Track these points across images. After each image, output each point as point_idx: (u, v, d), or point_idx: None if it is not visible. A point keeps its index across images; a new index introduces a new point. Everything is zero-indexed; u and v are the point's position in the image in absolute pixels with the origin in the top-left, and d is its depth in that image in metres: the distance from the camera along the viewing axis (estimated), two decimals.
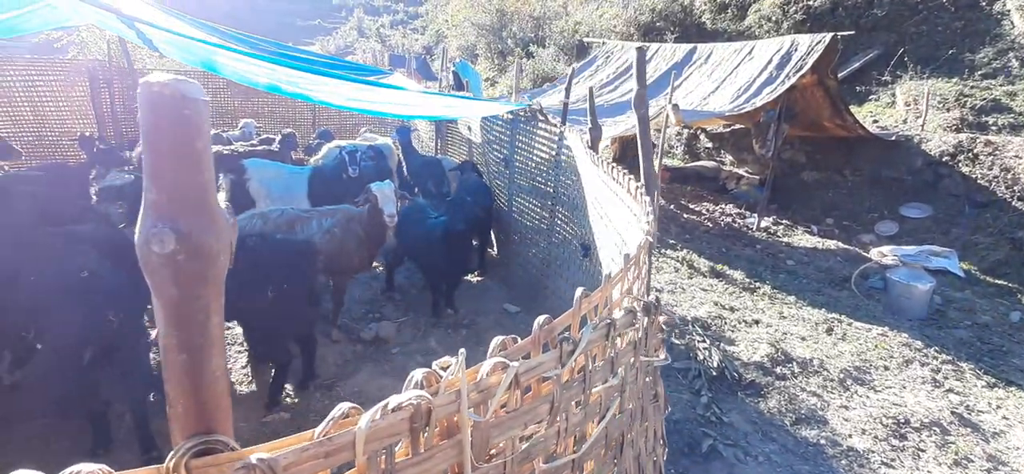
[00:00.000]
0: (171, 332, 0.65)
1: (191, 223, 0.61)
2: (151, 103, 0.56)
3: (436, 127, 8.64)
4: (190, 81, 0.60)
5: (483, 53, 19.44)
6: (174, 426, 0.69)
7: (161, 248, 0.59)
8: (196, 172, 0.60)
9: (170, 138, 0.57)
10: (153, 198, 0.59)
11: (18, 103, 8.72)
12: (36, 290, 3.35)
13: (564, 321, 1.09)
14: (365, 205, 4.71)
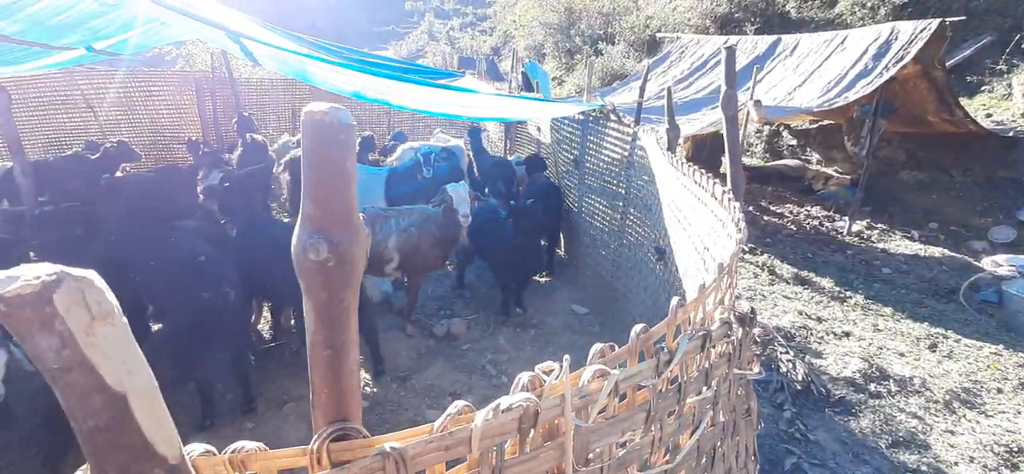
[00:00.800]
0: (319, 330, 0.73)
1: (340, 234, 0.68)
2: (313, 129, 0.64)
3: (505, 128, 8.76)
4: (343, 108, 0.67)
5: (551, 52, 19.38)
6: (317, 413, 0.78)
7: (316, 256, 0.67)
8: (346, 189, 0.67)
9: (327, 159, 0.65)
10: (310, 212, 0.67)
11: (137, 111, 9.83)
12: (159, 275, 3.80)
13: (660, 330, 1.09)
14: (440, 206, 4.86)
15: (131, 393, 0.52)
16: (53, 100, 9.16)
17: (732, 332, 1.19)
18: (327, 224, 0.67)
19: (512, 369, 4.78)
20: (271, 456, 0.75)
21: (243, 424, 3.92)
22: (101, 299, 0.48)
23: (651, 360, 1.03)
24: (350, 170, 0.67)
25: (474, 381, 4.61)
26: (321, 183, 0.66)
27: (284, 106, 10.89)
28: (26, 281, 0.45)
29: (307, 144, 0.65)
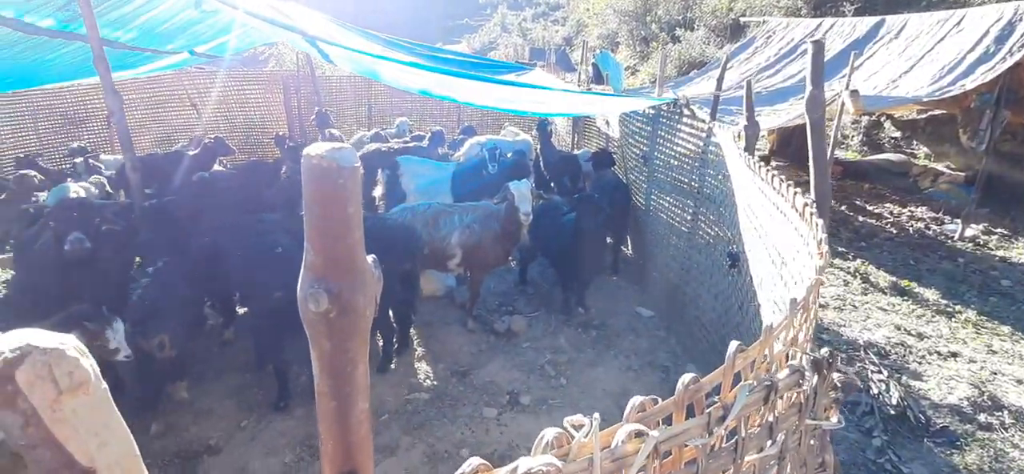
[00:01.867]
0: (324, 380, 0.71)
1: (342, 284, 0.65)
2: (311, 173, 0.61)
3: (573, 121, 8.58)
4: (345, 148, 0.63)
5: (624, 40, 18.73)
6: (324, 462, 0.76)
7: (316, 307, 0.64)
8: (346, 236, 0.63)
9: (325, 205, 0.61)
10: (311, 260, 0.64)
11: (232, 109, 10.69)
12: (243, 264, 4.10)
13: (714, 379, 0.96)
14: (503, 202, 4.83)
15: (102, 469, 0.52)
16: (161, 100, 10.18)
17: (805, 380, 1.03)
18: (328, 273, 0.64)
19: (572, 371, 4.68)
20: None
21: (312, 408, 4.14)
22: (74, 369, 0.47)
23: (701, 417, 0.90)
24: (351, 215, 0.63)
25: (532, 381, 4.57)
26: (321, 230, 0.62)
27: (360, 102, 11.39)
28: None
29: (306, 189, 0.62)
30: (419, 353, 4.89)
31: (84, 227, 3.42)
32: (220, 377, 4.46)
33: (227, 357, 4.72)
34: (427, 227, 4.97)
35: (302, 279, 0.65)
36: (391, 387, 4.40)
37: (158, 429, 3.82)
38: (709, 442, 0.88)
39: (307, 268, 0.64)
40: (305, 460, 3.68)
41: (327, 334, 0.67)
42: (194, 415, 4.04)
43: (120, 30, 5.43)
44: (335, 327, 0.66)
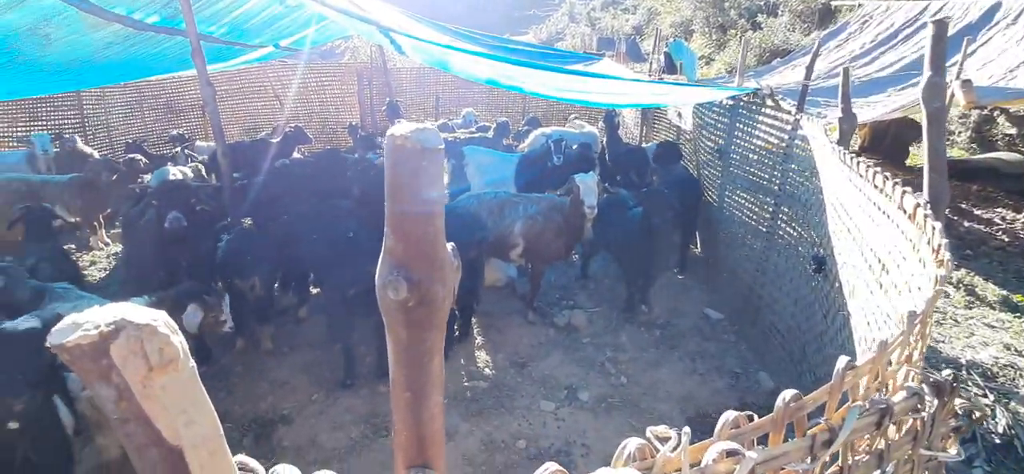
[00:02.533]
0: (399, 370, 0.69)
1: (422, 272, 0.62)
2: (394, 154, 0.58)
3: (642, 113, 8.28)
4: (429, 129, 0.60)
5: (699, 28, 17.83)
6: (397, 453, 0.74)
7: (395, 295, 0.62)
8: (428, 222, 0.60)
9: (408, 189, 0.59)
10: (391, 245, 0.62)
11: (311, 99, 11.28)
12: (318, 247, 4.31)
13: (818, 398, 0.85)
14: (567, 195, 4.75)
15: (188, 447, 0.52)
16: (248, 91, 10.91)
17: (923, 406, 0.89)
18: (408, 260, 0.61)
19: (633, 370, 4.54)
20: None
21: (377, 387, 4.29)
22: (165, 345, 0.47)
23: (803, 440, 0.80)
24: (434, 200, 0.60)
25: (591, 377, 4.48)
26: (402, 215, 0.59)
27: (428, 93, 11.65)
28: (85, 331, 0.45)
29: (388, 171, 0.59)
30: (479, 342, 4.94)
31: (181, 207, 3.72)
32: (294, 352, 4.72)
33: (301, 334, 4.98)
34: (492, 216, 4.99)
35: (381, 265, 0.63)
36: (451, 373, 4.47)
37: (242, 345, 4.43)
38: (812, 469, 0.78)
39: (387, 254, 0.62)
40: (368, 437, 3.82)
41: (404, 323, 0.64)
42: (270, 385, 4.31)
43: (214, 25, 5.84)
44: (413, 317, 0.64)
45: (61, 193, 6.09)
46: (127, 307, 0.49)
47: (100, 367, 0.46)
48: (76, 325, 0.46)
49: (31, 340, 2.07)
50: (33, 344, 2.08)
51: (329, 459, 3.66)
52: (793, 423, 0.83)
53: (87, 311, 0.47)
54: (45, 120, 8.53)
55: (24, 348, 2.04)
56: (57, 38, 4.73)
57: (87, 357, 0.45)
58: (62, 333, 0.46)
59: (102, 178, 6.23)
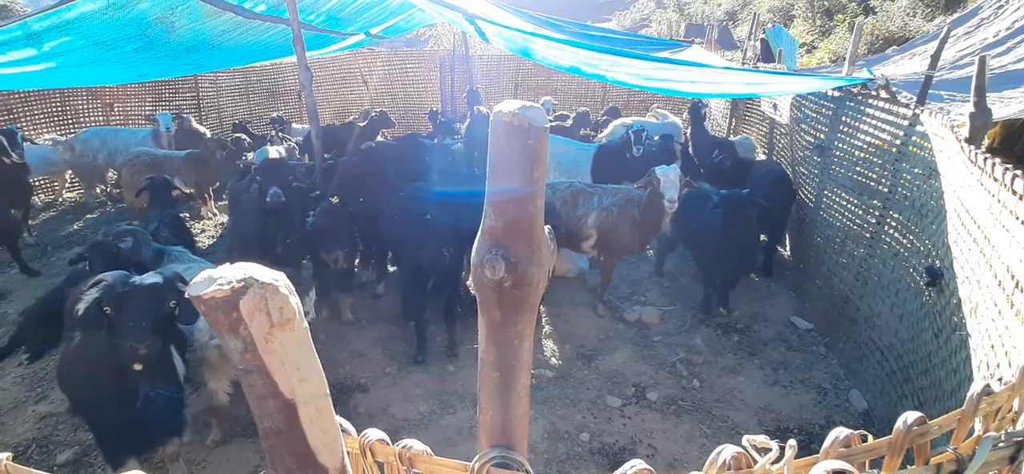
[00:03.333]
0: (489, 350, 0.69)
1: (520, 253, 0.61)
2: (499, 131, 0.57)
3: (732, 104, 7.80)
4: (535, 107, 0.58)
5: (801, 13, 16.43)
6: (482, 432, 0.75)
7: (492, 274, 0.61)
8: (530, 203, 0.59)
9: (512, 167, 0.58)
10: (491, 224, 0.61)
11: (395, 86, 11.75)
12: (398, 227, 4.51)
13: (946, 423, 0.74)
14: (646, 188, 4.60)
15: (300, 402, 0.55)
16: (339, 77, 11.55)
17: None
18: (507, 239, 0.60)
19: (707, 374, 4.34)
20: (435, 463, 0.74)
21: (446, 366, 4.42)
22: (284, 305, 0.50)
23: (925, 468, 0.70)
24: (536, 180, 0.58)
25: (661, 377, 4.33)
26: (504, 193, 0.58)
27: (507, 80, 11.72)
28: (219, 285, 0.49)
29: (493, 149, 0.58)
30: (546, 331, 4.93)
31: (281, 183, 4.02)
32: (372, 326, 4.97)
33: (378, 309, 5.24)
34: (565, 205, 4.94)
35: (479, 243, 0.63)
36: None
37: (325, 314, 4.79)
38: None
39: (485, 232, 0.62)
40: (436, 413, 3.95)
41: (498, 303, 0.64)
42: (349, 354, 4.57)
43: (313, 14, 6.22)
44: (507, 297, 0.63)
45: (179, 167, 6.81)
46: (252, 266, 0.52)
47: (231, 319, 0.49)
48: (211, 279, 0.50)
49: (155, 293, 2.33)
50: (157, 297, 2.34)
51: (399, 428, 3.82)
52: (914, 449, 0.74)
53: (221, 268, 0.51)
54: (167, 101, 9.56)
55: (149, 300, 2.30)
56: (180, 26, 5.25)
57: (220, 309, 0.49)
58: (199, 286, 0.50)
59: (213, 154, 6.90)
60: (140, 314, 2.24)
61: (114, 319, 2.27)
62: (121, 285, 2.30)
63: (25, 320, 3.90)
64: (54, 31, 4.46)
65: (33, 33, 4.43)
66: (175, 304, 2.43)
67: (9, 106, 7.66)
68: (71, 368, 2.63)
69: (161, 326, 2.36)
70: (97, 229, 6.95)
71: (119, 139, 7.47)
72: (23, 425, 3.80)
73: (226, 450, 3.58)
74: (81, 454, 3.52)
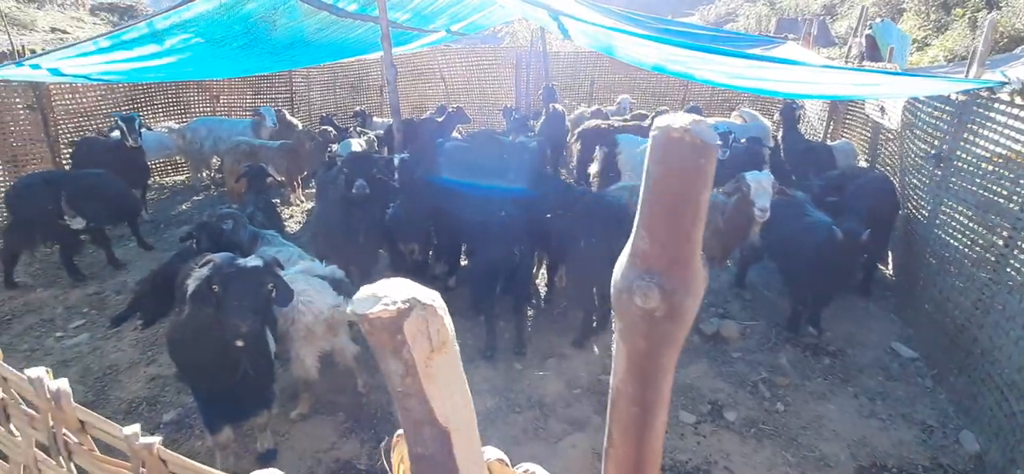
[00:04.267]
0: (628, 382, 0.64)
1: (677, 282, 0.55)
2: (666, 148, 0.51)
3: (830, 106, 7.19)
4: (705, 123, 0.53)
5: (913, 7, 14.85)
6: (610, 466, 0.70)
7: (643, 302, 0.56)
8: (693, 228, 0.54)
9: (678, 189, 0.52)
10: (644, 248, 0.56)
11: (472, 82, 11.91)
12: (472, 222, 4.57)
13: None
14: (733, 194, 4.34)
15: (454, 429, 0.53)
16: (418, 73, 11.89)
17: None
18: (663, 267, 0.55)
19: (793, 398, 4.03)
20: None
21: (513, 363, 4.42)
22: (441, 327, 0.48)
23: None
24: (702, 204, 0.52)
25: (741, 397, 4.09)
26: (665, 216, 0.53)
27: (583, 78, 11.54)
28: (385, 305, 0.47)
29: (654, 166, 0.53)
30: (615, 335, 4.80)
31: (366, 176, 4.19)
32: None
33: (449, 302, 5.31)
34: None
35: (626, 267, 0.58)
36: (586, 364, 4.43)
37: None
38: None
39: (635, 255, 0.57)
40: (503, 410, 3.95)
41: (645, 334, 0.59)
42: None
43: (399, 12, 6.42)
44: (657, 329, 0.58)
45: (273, 156, 7.30)
46: (411, 285, 0.51)
47: (395, 341, 0.48)
48: (375, 298, 0.49)
49: (257, 276, 2.48)
50: (259, 279, 2.49)
51: None
52: None
53: (386, 284, 0.50)
54: (264, 94, 10.29)
55: (252, 282, 2.46)
56: (281, 24, 5.61)
57: (385, 330, 0.48)
58: (363, 303, 0.49)
59: (303, 145, 7.34)
60: (244, 294, 2.40)
61: (221, 297, 2.44)
62: (228, 266, 2.47)
63: (140, 289, 4.34)
64: (174, 29, 4.92)
65: (157, 31, 4.91)
66: (273, 286, 2.58)
67: (133, 96, 8.57)
68: (180, 338, 2.87)
69: (261, 306, 2.51)
70: (202, 210, 7.63)
71: (223, 128, 8.14)
72: (136, 383, 4.22)
73: (307, 425, 3.79)
74: (183, 415, 3.85)
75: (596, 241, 4.21)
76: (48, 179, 5.28)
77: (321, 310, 3.45)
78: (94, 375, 4.32)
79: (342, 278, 3.89)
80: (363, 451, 3.60)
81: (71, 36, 15.39)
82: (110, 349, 4.58)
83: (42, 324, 4.96)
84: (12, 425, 0.81)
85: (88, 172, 5.65)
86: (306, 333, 3.42)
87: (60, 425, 0.72)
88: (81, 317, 5.07)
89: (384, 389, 4.07)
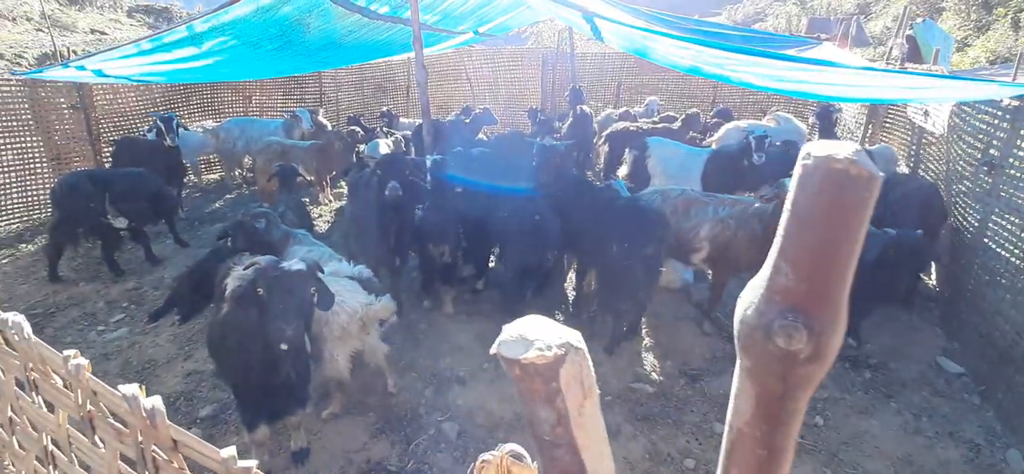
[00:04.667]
0: (756, 424, 0.60)
1: (826, 321, 0.51)
2: (825, 180, 0.47)
3: (869, 110, 6.97)
4: (866, 152, 0.49)
5: (953, 6, 14.31)
6: None
7: (786, 343, 0.52)
8: (847, 266, 0.50)
9: (836, 224, 0.48)
10: (787, 284, 0.52)
11: (499, 84, 11.90)
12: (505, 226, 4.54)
13: None
14: (772, 201, 4.23)
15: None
16: (444, 74, 11.93)
17: None
18: (812, 307, 0.50)
19: (832, 413, 3.91)
20: None
21: None
22: (588, 373, 0.45)
23: None
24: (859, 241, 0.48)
25: None
26: (817, 252, 0.49)
27: (610, 78, 11.42)
28: (540, 350, 0.44)
29: (807, 197, 0.49)
30: (646, 343, 4.73)
31: (399, 177, 4.20)
32: (471, 320, 5.06)
33: (477, 304, 5.32)
34: (676, 214, 4.70)
35: (763, 304, 0.54)
36: (615, 371, 4.36)
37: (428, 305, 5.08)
38: None
39: (775, 292, 0.53)
40: None
41: (783, 376, 0.55)
42: (449, 347, 4.68)
43: (429, 14, 6.44)
44: (797, 371, 0.54)
45: (303, 156, 7.41)
46: (564, 329, 0.48)
47: (548, 389, 0.45)
48: (525, 341, 0.46)
49: (301, 279, 2.50)
50: (303, 283, 2.50)
51: (495, 426, 3.84)
52: None
53: (527, 324, 0.47)
54: (294, 95, 10.45)
55: (296, 285, 2.47)
56: (314, 27, 5.68)
57: (539, 377, 0.45)
58: (513, 347, 0.46)
59: (333, 145, 7.42)
60: (288, 298, 2.41)
61: (265, 300, 2.46)
62: (273, 270, 2.48)
63: (177, 286, 4.43)
64: (213, 32, 5.01)
65: (196, 34, 5.01)
66: (315, 290, 2.59)
67: (170, 97, 8.79)
68: (222, 338, 2.90)
69: (305, 310, 2.52)
70: (234, 208, 7.78)
71: (254, 128, 8.29)
72: (173, 378, 4.31)
73: (338, 424, 3.81)
74: (218, 411, 3.91)
75: (630, 246, 4.15)
76: (92, 177, 5.44)
77: (355, 309, 3.46)
78: (133, 369, 4.42)
79: (370, 278, 3.90)
80: (393, 452, 3.60)
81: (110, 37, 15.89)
82: (148, 344, 4.68)
83: (85, 318, 5.11)
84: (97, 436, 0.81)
85: (130, 171, 5.80)
86: (341, 333, 3.44)
87: (150, 441, 0.72)
88: (121, 311, 5.20)
89: (413, 390, 4.08)
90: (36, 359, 0.89)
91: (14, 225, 7.07)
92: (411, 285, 5.39)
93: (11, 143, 6.77)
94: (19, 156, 6.86)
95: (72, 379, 0.82)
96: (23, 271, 6.02)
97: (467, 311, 5.17)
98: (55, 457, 0.95)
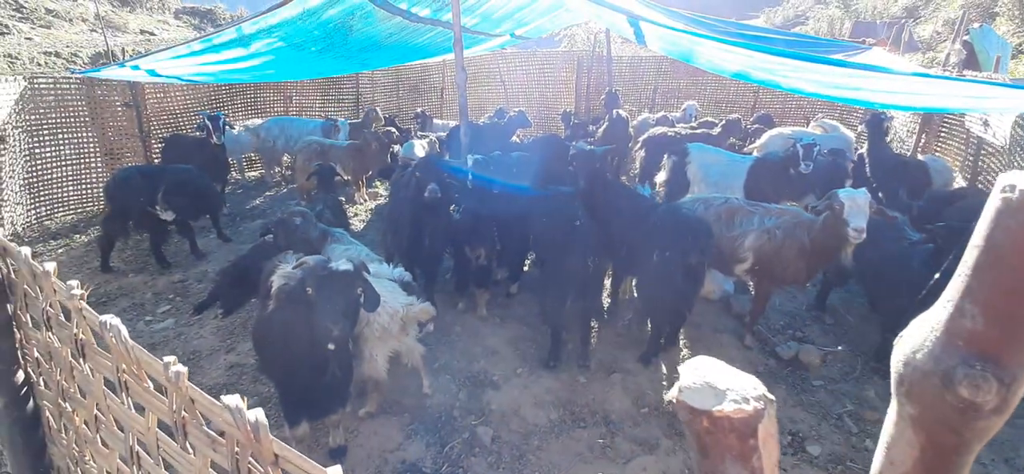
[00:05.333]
0: None
1: (1018, 369, 0.46)
2: (1013, 215, 0.42)
3: (922, 119, 6.66)
4: None
5: (1007, 11, 13.61)
6: None
7: (971, 393, 0.47)
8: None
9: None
10: (973, 328, 0.47)
11: (532, 87, 11.86)
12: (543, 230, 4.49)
13: None
14: (823, 212, 4.06)
15: None
16: (478, 76, 11.96)
17: None
18: (1005, 355, 0.45)
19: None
20: None
21: (577, 376, 4.31)
22: (776, 422, 0.41)
23: None
24: None
25: (824, 430, 3.81)
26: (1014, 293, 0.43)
27: (646, 82, 11.24)
28: (736, 402, 0.40)
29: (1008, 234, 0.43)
30: (684, 354, 4.61)
31: (438, 180, 4.21)
32: (504, 324, 5.03)
33: (511, 308, 5.28)
34: (720, 223, 4.57)
35: (940, 347, 0.49)
36: (652, 381, 4.27)
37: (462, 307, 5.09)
38: None
39: (956, 335, 0.48)
40: (566, 423, 3.85)
41: (958, 428, 0.49)
42: (483, 350, 4.66)
43: (468, 16, 6.45)
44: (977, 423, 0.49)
45: (340, 155, 7.53)
46: (751, 378, 0.43)
47: (745, 447, 0.41)
48: (717, 392, 0.42)
49: (349, 280, 2.51)
50: (350, 283, 2.51)
51: (530, 433, 3.79)
52: None
53: (709, 369, 0.43)
54: (333, 95, 10.65)
55: (344, 286, 2.48)
56: (357, 30, 5.75)
57: (735, 433, 0.41)
58: (703, 397, 0.42)
59: (370, 146, 7.52)
60: (336, 298, 2.42)
61: (314, 300, 2.48)
62: (321, 269, 2.50)
63: (220, 280, 4.54)
64: (260, 34, 5.12)
65: (244, 36, 5.13)
66: (362, 291, 2.60)
67: (216, 96, 9.07)
68: (268, 334, 2.94)
69: (352, 310, 2.53)
70: (274, 205, 7.96)
71: (294, 128, 8.48)
72: (216, 371, 4.40)
73: (374, 424, 3.83)
74: (259, 405, 3.94)
75: (671, 255, 4.05)
76: (144, 173, 5.64)
77: (396, 309, 3.48)
78: (179, 360, 4.54)
79: (409, 280, 3.91)
80: (428, 454, 3.59)
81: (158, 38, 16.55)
82: (193, 335, 4.81)
83: (134, 308, 5.29)
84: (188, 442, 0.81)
85: (179, 167, 6.00)
86: (381, 333, 3.45)
87: (247, 452, 0.71)
88: (167, 303, 5.37)
89: (447, 392, 4.07)
90: (131, 362, 0.90)
91: (69, 217, 7.40)
92: (444, 286, 5.40)
93: (68, 138, 7.09)
94: (75, 150, 7.18)
95: (171, 386, 0.82)
96: (77, 261, 6.28)
97: (500, 315, 5.15)
98: (140, 458, 0.96)
